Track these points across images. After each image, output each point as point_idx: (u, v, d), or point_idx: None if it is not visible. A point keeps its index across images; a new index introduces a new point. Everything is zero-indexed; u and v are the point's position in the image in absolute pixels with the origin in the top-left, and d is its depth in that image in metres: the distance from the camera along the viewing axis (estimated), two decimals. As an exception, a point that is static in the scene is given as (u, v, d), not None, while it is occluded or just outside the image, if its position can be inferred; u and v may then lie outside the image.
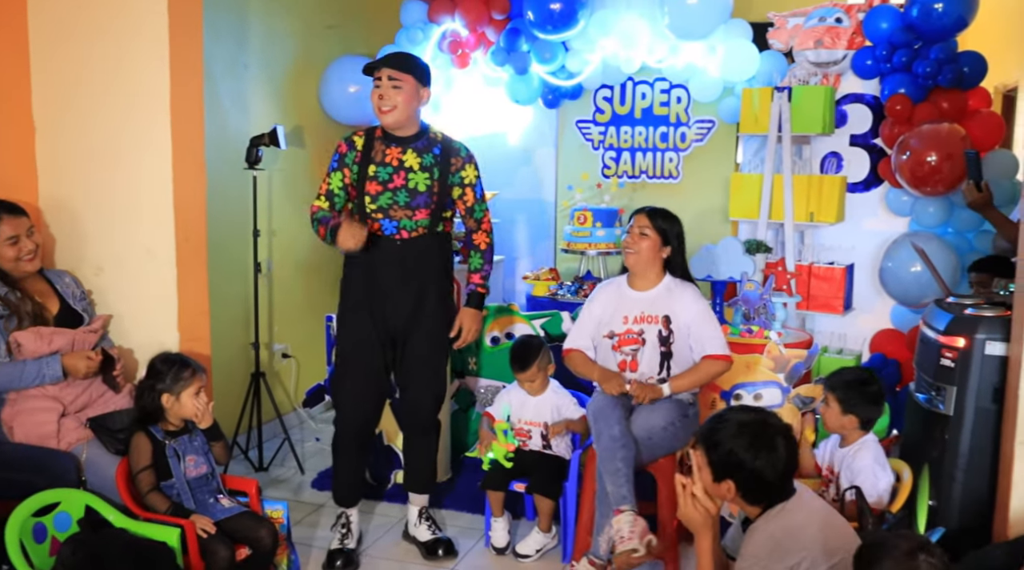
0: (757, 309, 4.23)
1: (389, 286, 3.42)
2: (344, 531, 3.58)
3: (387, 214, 3.36)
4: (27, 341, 3.15)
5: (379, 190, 3.35)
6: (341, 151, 3.43)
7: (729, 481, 2.28)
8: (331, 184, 3.44)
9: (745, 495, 2.29)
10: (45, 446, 3.12)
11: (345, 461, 3.58)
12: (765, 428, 2.29)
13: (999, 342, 2.96)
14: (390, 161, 3.37)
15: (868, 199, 4.99)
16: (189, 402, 3.07)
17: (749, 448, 2.25)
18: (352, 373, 3.48)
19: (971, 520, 3.02)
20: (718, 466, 2.30)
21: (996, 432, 2.98)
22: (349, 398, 3.49)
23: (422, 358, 3.51)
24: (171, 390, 3.05)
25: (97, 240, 3.61)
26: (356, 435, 3.55)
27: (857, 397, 3.02)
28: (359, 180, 3.37)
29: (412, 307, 3.45)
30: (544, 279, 5.29)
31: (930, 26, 4.53)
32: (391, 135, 3.39)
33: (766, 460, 2.25)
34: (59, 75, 3.57)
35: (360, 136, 3.44)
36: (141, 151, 3.52)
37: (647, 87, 5.62)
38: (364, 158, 3.38)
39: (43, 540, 2.79)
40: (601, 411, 3.28)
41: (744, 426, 2.29)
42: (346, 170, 3.41)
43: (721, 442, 2.29)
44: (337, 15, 5.53)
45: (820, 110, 4.71)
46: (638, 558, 3.05)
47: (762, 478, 2.26)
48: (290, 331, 5.20)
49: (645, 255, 3.46)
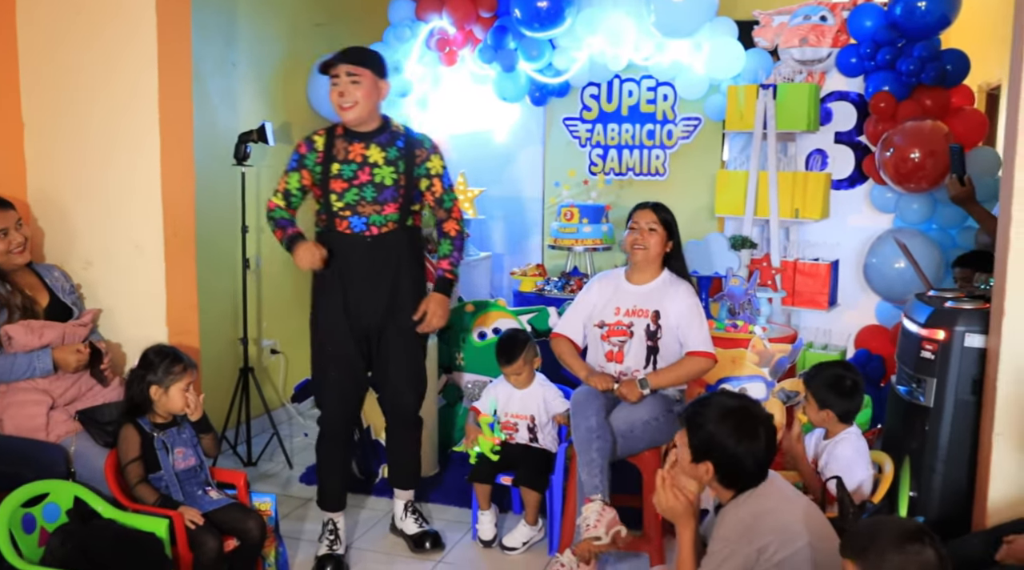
0: (742, 304, 4.27)
1: (362, 283, 3.38)
2: (332, 538, 3.54)
3: (355, 211, 3.33)
4: (18, 334, 3.17)
5: (344, 187, 3.31)
6: (301, 151, 3.40)
7: (708, 463, 2.31)
8: (288, 184, 3.42)
9: (722, 479, 2.33)
10: (34, 438, 3.15)
11: (330, 464, 3.56)
12: (749, 416, 2.33)
13: (978, 334, 3.00)
14: (353, 158, 3.33)
15: (853, 196, 5.04)
16: (178, 396, 3.08)
17: (732, 434, 2.29)
18: (332, 373, 3.45)
19: (951, 510, 3.06)
20: (699, 447, 2.33)
21: (975, 423, 3.02)
22: (332, 398, 3.47)
23: (399, 353, 3.48)
24: (161, 383, 3.06)
25: (86, 235, 3.62)
26: (340, 434, 3.54)
27: (831, 393, 3.05)
28: (323, 180, 3.34)
29: (386, 302, 3.42)
30: (531, 275, 5.33)
31: (913, 24, 4.58)
32: (353, 132, 3.36)
33: (747, 447, 2.29)
34: (48, 72, 3.58)
35: (321, 135, 3.40)
36: (130, 147, 3.53)
37: (634, 85, 5.66)
38: (326, 157, 3.35)
39: (32, 531, 2.80)
40: (580, 403, 3.32)
41: (729, 411, 2.33)
42: (305, 171, 3.38)
43: (704, 424, 2.32)
44: (325, 13, 5.55)
45: (805, 107, 4.76)
46: (599, 546, 3.11)
47: (741, 464, 2.29)
48: (279, 327, 5.21)
49: (654, 250, 3.50)
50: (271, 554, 3.26)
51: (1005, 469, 2.86)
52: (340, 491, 3.58)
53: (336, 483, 3.57)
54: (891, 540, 1.89)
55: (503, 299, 4.81)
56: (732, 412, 2.33)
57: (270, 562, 3.27)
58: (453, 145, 5.89)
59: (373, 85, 3.32)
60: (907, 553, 1.86)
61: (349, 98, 3.28)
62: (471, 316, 4.56)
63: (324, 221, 3.39)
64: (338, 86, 3.30)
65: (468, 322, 4.56)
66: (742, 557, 2.25)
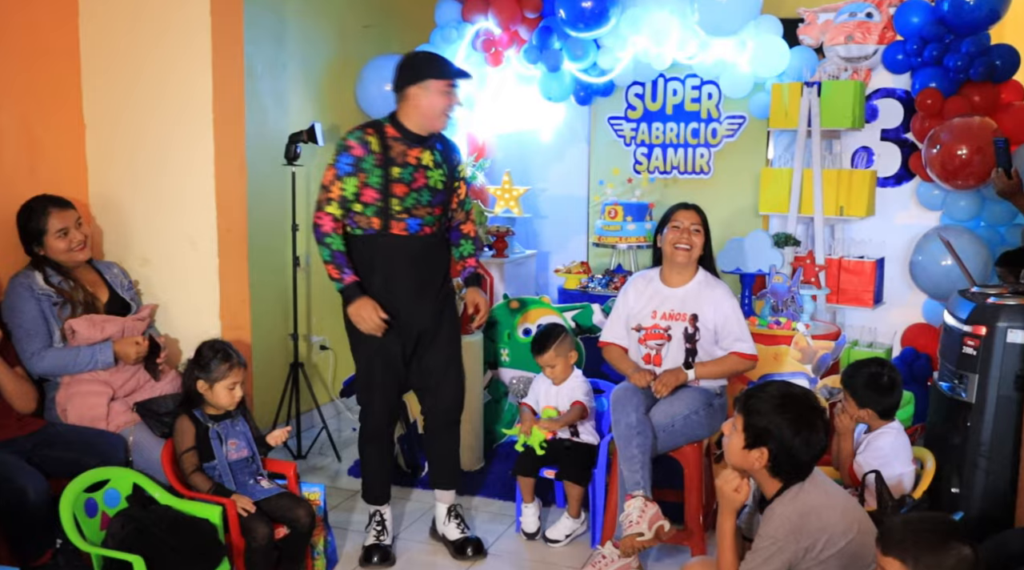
0: (785, 301, 4.28)
1: (412, 283, 3.41)
2: (379, 529, 3.61)
3: (411, 213, 3.34)
4: (81, 328, 3.30)
5: (405, 191, 3.32)
6: (356, 154, 3.29)
7: (763, 449, 2.30)
8: (344, 190, 3.30)
9: (773, 467, 2.31)
10: (96, 427, 3.28)
11: (377, 460, 3.61)
12: (809, 406, 2.33)
13: (1020, 330, 3.00)
14: (410, 161, 3.33)
15: (900, 193, 5.02)
16: (223, 393, 3.16)
17: (792, 422, 2.28)
18: (379, 374, 3.47)
19: (993, 506, 3.06)
20: (755, 433, 2.31)
21: (1017, 419, 3.01)
22: (379, 398, 3.50)
23: (449, 355, 3.56)
24: (207, 378, 3.16)
25: (143, 232, 3.75)
26: (384, 433, 3.59)
27: (869, 390, 3.06)
28: (384, 183, 3.29)
29: (433, 302, 3.47)
30: (575, 272, 5.38)
31: (961, 20, 4.55)
32: (412, 135, 3.35)
33: (805, 438, 2.28)
34: (108, 74, 3.71)
35: (372, 135, 3.32)
36: (185, 147, 3.65)
37: (678, 83, 5.67)
38: (385, 160, 3.30)
39: (94, 515, 2.93)
40: (620, 399, 3.36)
41: (790, 400, 2.32)
42: (362, 175, 3.29)
43: (762, 410, 2.31)
44: (373, 15, 5.65)
45: (850, 105, 4.74)
46: (643, 542, 3.14)
47: (796, 454, 2.29)
48: (327, 324, 5.32)
49: (697, 252, 3.52)
50: (320, 542, 3.35)
51: (1047, 465, 2.86)
52: (385, 484, 3.65)
53: (381, 477, 3.63)
54: (933, 537, 1.92)
55: (547, 296, 4.87)
56: (793, 400, 2.33)
57: (319, 550, 3.36)
58: (499, 144, 5.97)
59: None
60: (949, 550, 1.89)
61: (453, 111, 3.38)
62: (516, 313, 4.63)
63: (376, 224, 3.33)
64: (452, 98, 3.36)
65: (513, 319, 4.62)
66: (788, 554, 2.27)
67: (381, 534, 3.60)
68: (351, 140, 3.32)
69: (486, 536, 3.77)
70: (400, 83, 3.36)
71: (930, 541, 1.93)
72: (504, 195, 5.67)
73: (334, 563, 3.48)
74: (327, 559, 3.40)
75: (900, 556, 1.93)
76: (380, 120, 3.42)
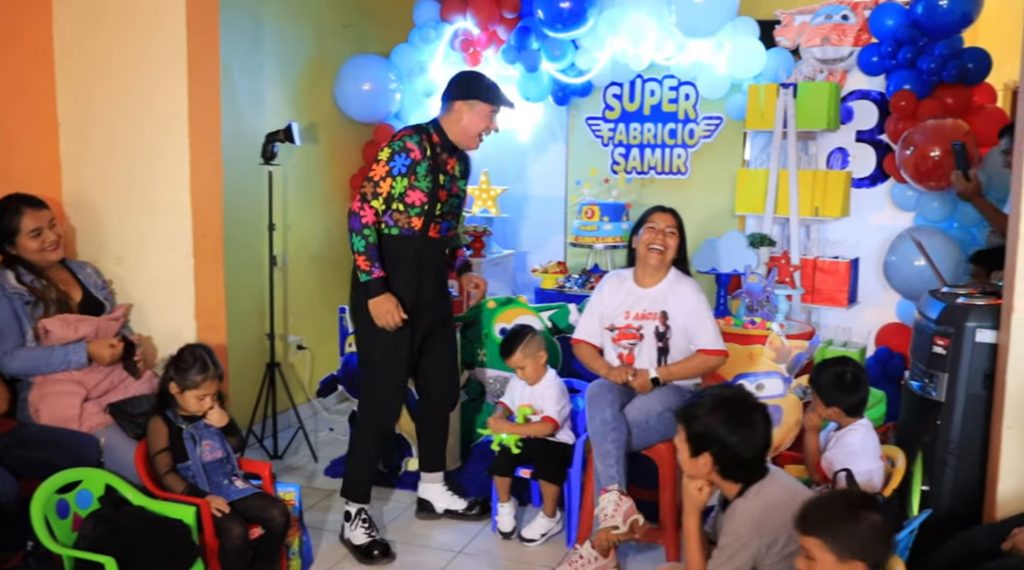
0: (760, 301, 4.31)
1: (434, 283, 3.66)
2: (368, 525, 3.64)
3: (445, 217, 3.61)
4: (55, 328, 3.28)
5: (446, 197, 3.57)
6: (415, 158, 3.44)
7: (706, 455, 2.35)
8: (394, 188, 3.44)
9: (722, 471, 2.36)
10: (68, 428, 3.25)
11: (374, 454, 3.73)
12: (742, 404, 2.38)
13: (989, 330, 3.03)
14: (450, 170, 3.61)
15: (874, 194, 5.06)
16: (192, 401, 3.16)
17: (726, 423, 2.33)
18: (393, 370, 3.60)
19: (962, 504, 3.08)
20: (695, 440, 2.37)
21: (986, 417, 3.04)
22: (393, 394, 3.63)
23: (449, 343, 3.87)
24: (179, 383, 3.15)
25: (117, 232, 3.73)
26: (391, 427, 3.76)
27: (834, 389, 3.10)
28: (432, 188, 3.49)
29: (447, 301, 3.79)
30: (552, 272, 5.39)
31: (935, 23, 4.60)
32: (451, 145, 3.59)
33: (742, 435, 2.33)
34: (82, 73, 3.69)
35: (426, 142, 3.50)
36: (160, 146, 3.64)
37: (656, 84, 5.70)
38: (434, 166, 3.50)
39: (66, 516, 2.91)
40: (595, 395, 3.38)
41: (721, 401, 2.38)
42: (413, 177, 3.45)
43: (698, 416, 2.37)
44: (351, 15, 5.64)
45: (825, 106, 4.78)
46: (617, 535, 3.18)
47: (738, 454, 2.33)
48: (304, 323, 5.32)
49: (670, 254, 3.57)
50: (295, 542, 3.36)
51: (1015, 463, 2.88)
52: (371, 482, 3.74)
53: (371, 473, 3.73)
54: (846, 511, 2.06)
55: (524, 296, 4.88)
56: (725, 402, 2.39)
57: (294, 550, 3.36)
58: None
59: None
60: (861, 520, 2.04)
61: (487, 135, 3.61)
62: (493, 313, 4.63)
63: (418, 225, 3.50)
64: (490, 122, 3.58)
65: (490, 319, 4.63)
66: (752, 550, 2.31)
67: (372, 530, 3.64)
68: (410, 143, 3.46)
69: (462, 536, 3.79)
70: (450, 95, 3.58)
71: (843, 515, 2.06)
72: (482, 195, 5.68)
73: (309, 563, 3.48)
74: (302, 559, 3.40)
75: (820, 535, 2.05)
76: (426, 126, 3.59)
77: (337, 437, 4.99)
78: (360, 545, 3.59)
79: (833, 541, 2.03)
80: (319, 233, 5.47)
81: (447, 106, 3.57)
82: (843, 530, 2.04)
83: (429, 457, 3.97)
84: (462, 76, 3.66)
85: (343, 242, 5.58)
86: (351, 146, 5.68)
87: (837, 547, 2.03)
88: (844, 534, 2.03)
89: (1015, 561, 2.44)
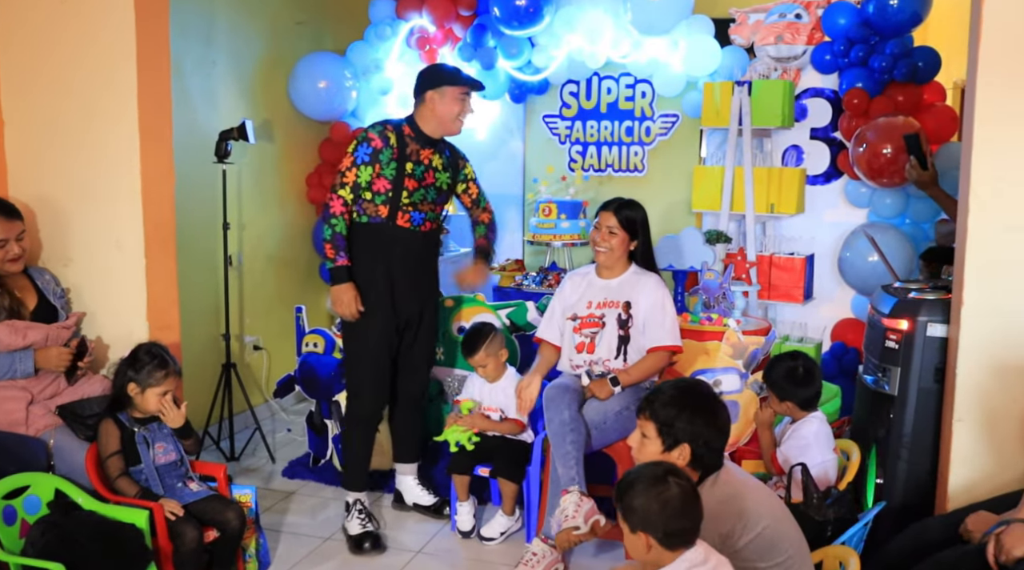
0: (717, 298, 4.33)
1: (409, 272, 3.68)
2: (363, 517, 3.69)
3: (417, 207, 3.62)
4: (1, 334, 3.21)
5: (415, 186, 3.59)
6: (375, 146, 3.54)
7: (684, 446, 2.34)
8: (359, 176, 3.54)
9: (694, 461, 2.36)
10: (14, 432, 3.18)
11: (364, 445, 3.79)
12: (708, 395, 2.41)
13: (940, 324, 3.07)
14: (423, 160, 3.62)
15: (829, 191, 5.11)
16: (153, 400, 3.12)
17: (700, 414, 2.34)
18: (380, 359, 3.67)
19: (915, 496, 3.13)
20: (669, 434, 2.35)
21: (937, 410, 3.09)
22: (377, 383, 3.69)
23: (426, 338, 3.88)
24: (139, 382, 3.10)
25: (66, 232, 3.66)
26: (377, 416, 3.80)
27: (788, 384, 3.15)
28: (397, 177, 3.54)
29: (426, 293, 3.81)
30: (510, 270, 5.39)
31: (886, 22, 4.65)
32: (426, 138, 3.63)
33: (716, 426, 2.35)
34: (27, 68, 3.61)
35: (391, 133, 3.57)
36: (109, 145, 3.57)
37: (612, 82, 5.72)
38: (401, 156, 3.54)
39: (13, 523, 2.84)
40: (552, 397, 3.38)
41: (691, 393, 2.39)
42: (378, 166, 3.53)
43: (672, 411, 2.35)
44: (306, 12, 5.59)
45: (779, 104, 4.82)
46: (578, 536, 3.17)
47: (712, 443, 2.34)
48: (261, 323, 5.26)
49: (616, 253, 3.60)
50: (252, 545, 3.32)
51: (965, 454, 2.93)
52: (367, 471, 3.83)
53: (364, 463, 3.81)
54: (643, 484, 2.06)
55: (482, 294, 4.86)
56: (692, 394, 2.40)
57: (251, 553, 3.33)
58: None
59: None
60: (650, 494, 2.04)
61: (466, 118, 3.65)
62: (450, 311, 4.61)
63: (384, 212, 3.57)
64: (464, 103, 3.63)
65: (447, 317, 4.60)
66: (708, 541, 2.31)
67: (367, 521, 3.68)
68: (372, 133, 3.58)
69: (421, 535, 3.77)
70: (419, 88, 3.63)
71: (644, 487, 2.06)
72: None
73: (267, 565, 3.44)
74: (259, 561, 3.36)
75: (621, 503, 2.08)
76: (398, 120, 3.68)
77: (295, 438, 4.95)
78: (353, 535, 3.65)
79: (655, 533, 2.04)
80: (275, 232, 5.41)
81: (419, 100, 3.63)
82: (635, 502, 2.06)
83: (401, 448, 4.02)
84: (426, 69, 3.75)
85: (299, 241, 5.57)
86: (307, 144, 5.62)
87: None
88: (661, 516, 2.04)
89: (969, 548, 2.47)
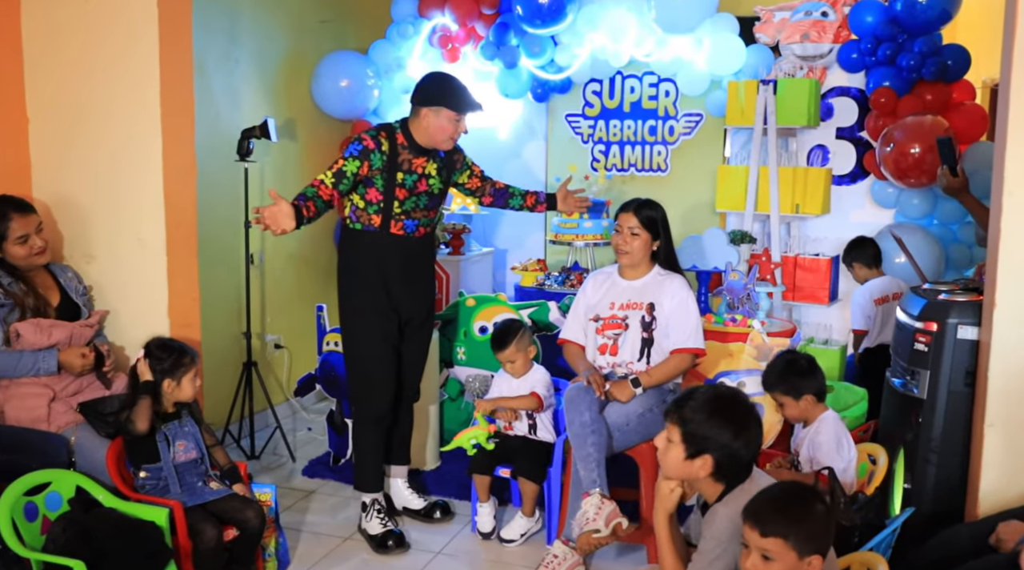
0: (741, 299, 4.29)
1: (406, 276, 3.63)
2: (383, 516, 3.68)
3: (410, 215, 3.58)
4: (27, 332, 3.22)
5: (406, 195, 3.54)
6: (367, 145, 3.45)
7: (706, 457, 2.27)
8: (346, 167, 3.42)
9: (717, 472, 2.29)
10: (37, 428, 3.19)
11: (376, 445, 3.75)
12: (741, 406, 2.31)
13: (971, 326, 3.01)
14: (415, 169, 3.55)
15: (855, 191, 5.06)
16: (188, 387, 3.15)
17: (728, 425, 2.25)
18: (385, 361, 3.64)
19: (944, 502, 3.07)
20: (693, 442, 2.28)
21: (968, 415, 3.02)
22: (385, 384, 3.66)
23: (421, 340, 3.83)
24: (173, 375, 3.12)
25: (89, 229, 3.66)
26: (387, 416, 3.74)
27: (795, 378, 3.10)
28: (387, 187, 3.50)
29: (425, 297, 3.76)
30: (532, 270, 5.36)
31: (914, 20, 4.59)
32: (419, 147, 3.54)
33: (745, 439, 2.26)
34: (52, 67, 3.62)
35: (385, 138, 3.49)
36: (132, 142, 3.57)
37: (635, 81, 5.68)
38: (391, 165, 3.49)
39: (34, 519, 2.84)
40: (573, 398, 3.33)
41: (721, 403, 2.30)
42: (366, 164, 3.45)
43: (700, 419, 2.27)
44: (329, 10, 5.58)
45: (805, 103, 4.77)
46: (599, 538, 3.13)
47: (739, 456, 2.27)
48: (282, 322, 5.25)
49: (638, 254, 3.55)
50: (271, 544, 3.31)
51: (996, 460, 2.87)
52: (381, 470, 3.79)
53: (378, 463, 3.77)
54: (800, 505, 2.07)
55: (504, 294, 4.84)
56: (726, 403, 2.30)
57: (270, 552, 3.31)
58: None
59: None
60: (815, 511, 2.04)
61: (459, 137, 3.61)
62: (472, 311, 4.59)
63: (377, 221, 3.53)
64: (458, 125, 3.56)
65: (469, 317, 4.59)
66: (733, 554, 2.26)
67: (387, 520, 3.68)
68: (365, 135, 3.51)
69: (440, 536, 3.75)
70: (416, 99, 3.54)
71: (800, 511, 2.05)
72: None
73: (286, 564, 3.43)
74: (279, 560, 3.35)
75: (782, 535, 2.01)
76: (393, 124, 3.59)
77: (315, 437, 4.94)
78: (375, 535, 3.63)
79: (796, 540, 2.00)
80: (297, 231, 5.36)
81: (413, 110, 3.54)
82: (803, 527, 2.01)
83: (396, 450, 3.95)
84: (428, 80, 3.61)
85: (321, 240, 5.56)
86: (328, 143, 5.61)
87: (799, 545, 2.00)
88: (804, 531, 2.01)
89: (1000, 557, 2.42)
